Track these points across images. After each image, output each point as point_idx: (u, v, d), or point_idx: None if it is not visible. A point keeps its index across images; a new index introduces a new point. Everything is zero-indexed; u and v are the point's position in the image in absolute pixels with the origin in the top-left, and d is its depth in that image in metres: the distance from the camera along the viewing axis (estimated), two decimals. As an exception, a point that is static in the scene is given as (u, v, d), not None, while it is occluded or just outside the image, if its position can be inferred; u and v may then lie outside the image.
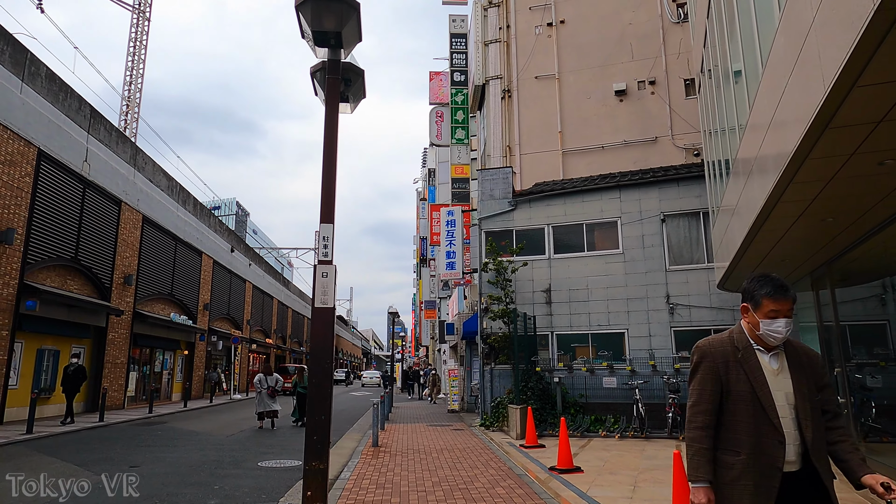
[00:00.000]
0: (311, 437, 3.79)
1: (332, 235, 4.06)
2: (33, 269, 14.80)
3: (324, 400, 3.79)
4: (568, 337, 14.65)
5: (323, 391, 3.79)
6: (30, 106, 14.46)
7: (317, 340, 3.89)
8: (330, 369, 3.84)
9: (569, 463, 8.05)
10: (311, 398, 3.76)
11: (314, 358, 3.86)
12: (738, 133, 7.85)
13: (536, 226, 15.52)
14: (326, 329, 3.91)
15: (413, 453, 10.12)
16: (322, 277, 3.97)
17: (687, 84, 19.07)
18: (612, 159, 19.24)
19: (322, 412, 3.77)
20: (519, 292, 15.08)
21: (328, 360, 3.86)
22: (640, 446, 10.51)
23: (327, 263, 4.01)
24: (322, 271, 3.98)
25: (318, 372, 3.83)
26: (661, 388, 12.93)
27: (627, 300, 14.23)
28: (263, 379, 14.96)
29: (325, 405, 3.77)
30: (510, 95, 21.09)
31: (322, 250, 4.00)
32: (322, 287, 3.95)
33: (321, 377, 3.82)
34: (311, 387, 3.79)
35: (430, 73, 27.45)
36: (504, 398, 13.52)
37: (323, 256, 4.01)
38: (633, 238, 14.51)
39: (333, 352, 4.01)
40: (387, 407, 17.49)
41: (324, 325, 3.91)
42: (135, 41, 35.99)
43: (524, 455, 9.67)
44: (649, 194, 14.62)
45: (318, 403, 3.75)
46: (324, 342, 3.88)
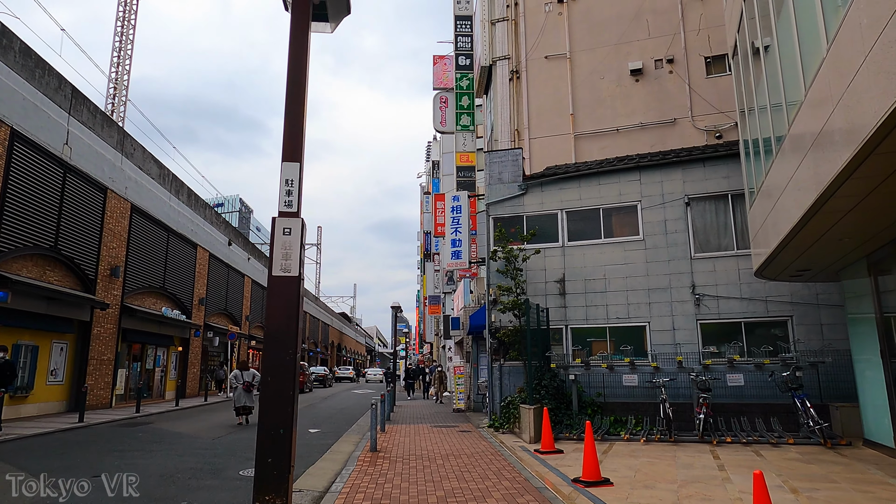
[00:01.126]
0: (263, 460, 2.67)
1: (300, 179, 2.93)
2: (6, 258, 13.73)
3: (284, 406, 2.67)
4: (584, 331, 13.50)
5: (282, 393, 2.67)
6: (1, 82, 13.37)
7: (275, 322, 2.79)
8: (293, 363, 2.73)
9: (595, 474, 6.90)
10: (266, 402, 2.65)
11: (270, 346, 2.76)
12: (789, 109, 7.30)
13: (549, 211, 14.35)
14: (289, 307, 2.80)
15: (415, 459, 9.01)
16: (283, 235, 2.85)
17: (708, 62, 17.87)
18: (628, 143, 18.07)
19: (281, 423, 2.65)
20: (530, 283, 13.94)
21: (291, 349, 2.75)
22: (670, 452, 9.36)
23: (291, 216, 2.90)
24: (283, 227, 2.87)
25: (276, 366, 2.72)
26: (688, 387, 11.78)
27: (649, 291, 13.06)
28: (239, 374, 14.70)
29: (285, 414, 2.65)
30: (518, 77, 19.91)
31: (285, 198, 2.88)
32: (283, 248, 2.84)
33: (280, 374, 2.70)
34: (265, 386, 2.67)
35: (433, 56, 26.29)
36: (515, 397, 12.38)
37: (285, 207, 2.90)
38: (654, 223, 13.34)
39: (299, 338, 2.89)
40: (388, 406, 16.39)
41: (285, 302, 2.80)
42: (123, 19, 34.68)
43: (541, 462, 8.53)
44: (672, 176, 13.44)
45: (275, 411, 2.64)
46: (285, 325, 2.78)
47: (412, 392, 26.70)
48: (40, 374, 15.70)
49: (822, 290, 11.78)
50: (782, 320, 12.08)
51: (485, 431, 12.69)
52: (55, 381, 16.43)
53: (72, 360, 17.20)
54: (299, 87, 3.13)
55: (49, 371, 16.14)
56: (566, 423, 11.68)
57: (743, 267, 12.42)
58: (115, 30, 34.35)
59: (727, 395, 11.56)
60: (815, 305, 11.85)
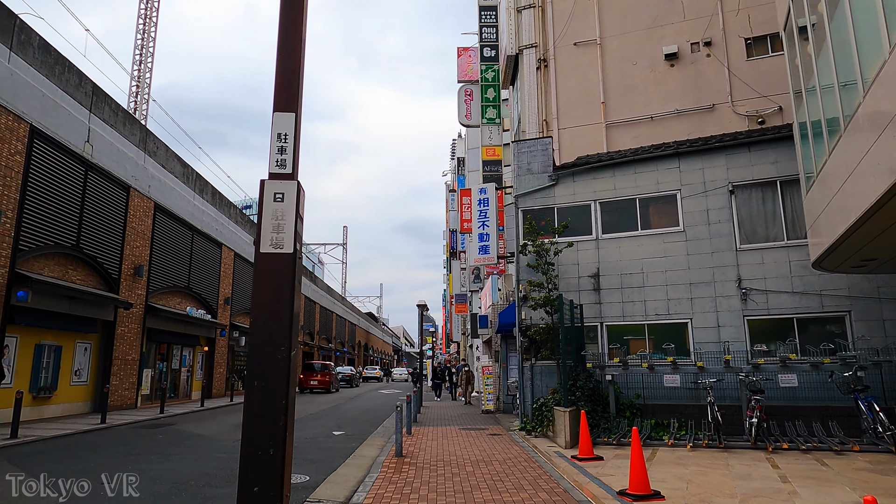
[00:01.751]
0: (248, 489, 2.08)
1: (296, 134, 2.33)
2: (27, 257, 13.54)
3: (274, 418, 2.08)
4: (620, 328, 12.72)
5: (272, 402, 2.08)
6: (19, 77, 13.17)
7: (263, 311, 2.20)
8: (286, 363, 2.13)
9: (644, 486, 6.19)
10: (251, 414, 2.06)
11: (256, 341, 2.17)
12: (863, 84, 6.55)
13: (581, 202, 13.61)
14: (281, 292, 2.21)
15: (443, 466, 8.39)
16: (275, 202, 2.26)
17: (749, 44, 16.88)
18: (663, 131, 17.19)
19: (271, 440, 2.06)
20: (562, 278, 13.21)
21: (284, 344, 2.16)
22: (721, 459, 8.57)
23: (284, 178, 2.30)
24: (275, 191, 2.27)
25: (264, 367, 2.13)
26: (735, 388, 10.93)
27: (690, 285, 12.23)
28: None
29: (275, 428, 2.06)
30: (546, 65, 19.16)
31: (277, 157, 2.28)
32: (274, 218, 2.25)
33: (270, 377, 2.11)
34: (250, 392, 2.09)
35: (458, 48, 25.64)
36: (548, 399, 11.68)
37: (277, 167, 2.31)
38: (695, 213, 12.49)
39: (294, 330, 2.29)
40: (415, 407, 15.83)
41: (276, 286, 2.21)
42: (145, 16, 34.72)
43: (580, 471, 7.84)
44: (714, 162, 12.57)
45: (262, 425, 2.05)
46: (276, 314, 2.19)
47: (440, 392, 26.00)
48: (64, 375, 15.54)
49: (884, 282, 10.81)
50: (839, 316, 11.14)
51: (516, 435, 12.02)
52: (79, 382, 16.27)
53: (96, 360, 17.03)
54: (296, 20, 2.55)
55: (73, 371, 15.98)
56: (604, 427, 10.94)
57: (794, 259, 11.51)
58: (136, 26, 34.53)
59: (779, 397, 10.67)
60: (876, 300, 10.88)
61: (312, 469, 8.52)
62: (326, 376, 31.93)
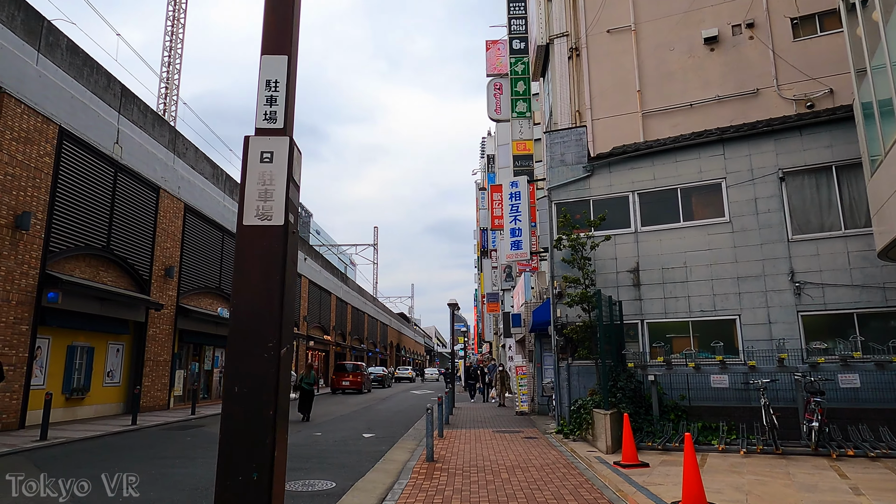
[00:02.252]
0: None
1: (289, 82, 1.88)
2: (58, 259, 13.55)
3: (258, 434, 1.64)
4: (662, 326, 12.02)
5: (256, 414, 1.64)
6: (48, 79, 13.18)
7: (247, 296, 1.76)
8: (275, 364, 1.69)
9: (700, 499, 5.58)
10: (229, 430, 1.63)
11: (237, 338, 1.73)
12: None
13: (618, 193, 12.95)
14: (269, 275, 1.77)
15: (477, 472, 7.90)
16: (262, 163, 1.82)
17: (795, 24, 15.89)
18: (703, 119, 16.33)
19: (254, 462, 1.61)
20: (599, 273, 12.58)
21: (272, 341, 1.72)
22: (779, 467, 7.87)
23: (274, 134, 1.85)
24: (262, 150, 1.82)
25: (246, 370, 1.69)
26: (789, 389, 10.16)
27: (738, 279, 11.46)
28: None
29: (260, 447, 1.62)
30: (578, 54, 18.48)
31: (265, 108, 1.85)
32: (261, 183, 1.81)
33: (253, 382, 1.67)
34: (228, 400, 1.65)
35: (486, 42, 25.11)
36: (587, 401, 11.07)
37: (266, 120, 1.87)
38: (742, 202, 11.72)
39: (285, 324, 1.84)
40: (447, 408, 15.37)
41: (263, 267, 1.77)
42: (173, 18, 35.12)
43: (624, 479, 7.25)
44: (762, 147, 11.78)
45: (243, 442, 1.61)
46: (263, 303, 1.75)
47: (474, 394, 25.44)
48: (96, 376, 15.57)
49: (957, 273, 9.90)
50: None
51: (553, 438, 11.45)
52: (112, 383, 16.30)
53: (128, 361, 17.06)
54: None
55: (105, 373, 16.01)
56: (647, 431, 10.29)
57: (853, 249, 10.66)
58: (164, 28, 34.91)
59: (839, 399, 9.86)
60: (947, 292, 9.97)
61: (340, 475, 8.14)
62: (358, 377, 31.75)
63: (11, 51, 12.15)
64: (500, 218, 23.27)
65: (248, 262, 1.85)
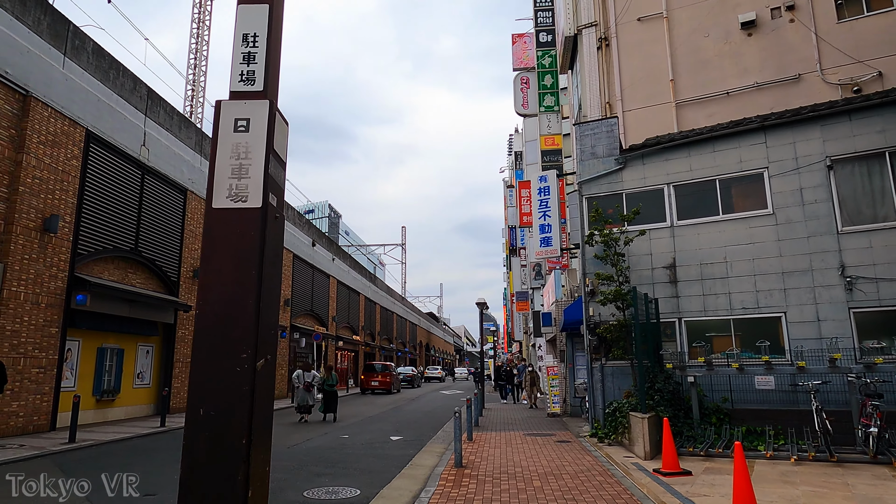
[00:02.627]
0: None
1: (271, 34, 1.55)
2: (86, 261, 13.61)
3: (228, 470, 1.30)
4: (701, 324, 11.43)
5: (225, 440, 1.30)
6: (74, 82, 13.24)
7: (215, 292, 1.44)
8: (249, 376, 1.35)
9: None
10: (190, 460, 1.30)
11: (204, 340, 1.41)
12: None
13: (653, 186, 12.39)
14: (242, 266, 1.44)
15: (508, 479, 7.52)
16: (236, 132, 1.48)
17: (839, 4, 15.05)
18: (741, 107, 15.59)
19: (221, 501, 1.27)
20: (633, 270, 12.05)
21: (247, 348, 1.38)
22: (836, 476, 7.28)
23: (253, 97, 1.51)
24: (236, 116, 1.48)
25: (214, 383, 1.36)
26: (841, 391, 9.51)
27: (783, 274, 10.81)
28: (301, 374, 16.12)
29: (229, 485, 1.28)
30: (608, 44, 17.89)
31: (241, 67, 1.51)
32: (235, 156, 1.46)
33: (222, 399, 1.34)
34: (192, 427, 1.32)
35: (512, 35, 24.63)
36: (623, 403, 10.57)
37: (243, 82, 1.52)
38: (786, 193, 11.06)
39: (259, 327, 1.51)
40: (476, 410, 15.01)
41: (235, 257, 1.44)
42: (198, 21, 35.50)
43: (666, 489, 6.77)
44: (808, 134, 11.10)
45: (208, 479, 1.28)
46: (236, 299, 1.42)
47: (505, 394, 24.91)
48: (126, 378, 15.64)
49: None
50: (970, 306, 9.50)
51: (586, 442, 10.98)
52: (142, 385, 16.37)
53: (158, 362, 17.13)
54: None
55: (135, 374, 16.08)
56: (687, 435, 9.76)
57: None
58: (190, 30, 35.29)
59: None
60: None
61: (365, 481, 7.85)
62: (387, 377, 31.60)
63: (38, 55, 12.22)
64: (528, 214, 22.78)
65: (217, 254, 1.52)
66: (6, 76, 11.43)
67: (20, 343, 11.62)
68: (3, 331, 11.25)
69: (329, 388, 16.19)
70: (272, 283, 1.59)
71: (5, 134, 11.56)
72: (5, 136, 11.56)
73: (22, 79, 11.79)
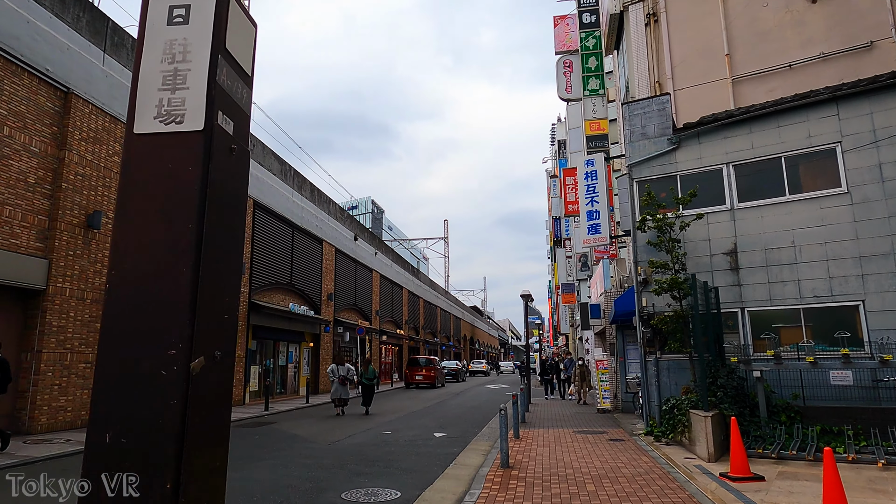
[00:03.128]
0: None
1: None
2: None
3: None
4: (766, 315, 10.55)
5: (141, 493, 0.86)
6: (114, 79, 13.28)
7: (134, 263, 0.97)
8: (181, 383, 0.89)
9: (847, 531, 4.41)
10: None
11: (113, 327, 0.96)
12: None
13: (710, 167, 11.52)
14: (172, 218, 0.97)
15: (558, 482, 6.96)
16: (171, 25, 1.01)
17: (916, -38, 13.72)
18: (805, 80, 14.40)
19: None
20: (690, 257, 11.24)
21: (174, 342, 0.91)
22: (934, 484, 6.43)
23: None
24: (171, 3, 1.02)
25: (124, 396, 0.91)
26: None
27: (860, 259, 9.83)
28: (336, 369, 16.16)
29: None
30: (656, 20, 16.91)
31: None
32: (168, 58, 0.99)
33: (137, 418, 0.88)
34: (90, 462, 0.94)
35: (554, 17, 23.78)
36: (682, 400, 9.82)
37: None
38: (862, 169, 10.04)
39: (196, 309, 1.05)
40: (523, 405, 14.45)
41: (162, 204, 0.98)
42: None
43: (739, 497, 6.09)
44: (887, 104, 10.05)
45: None
46: (160, 266, 0.95)
47: (550, 390, 24.13)
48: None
49: None
50: None
51: (641, 440, 10.29)
52: (188, 379, 16.49)
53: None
54: None
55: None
56: (754, 435, 8.97)
57: None
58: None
59: None
60: None
61: (406, 482, 7.43)
62: (431, 371, 31.34)
63: (78, 52, 12.26)
64: (574, 203, 21.96)
65: (136, 197, 1.07)
66: (47, 73, 11.49)
67: (66, 339, 11.72)
68: (51, 326, 11.36)
69: (367, 381, 16.57)
70: (225, 246, 1.14)
71: (48, 131, 11.64)
72: (48, 134, 11.64)
73: (63, 76, 11.85)
